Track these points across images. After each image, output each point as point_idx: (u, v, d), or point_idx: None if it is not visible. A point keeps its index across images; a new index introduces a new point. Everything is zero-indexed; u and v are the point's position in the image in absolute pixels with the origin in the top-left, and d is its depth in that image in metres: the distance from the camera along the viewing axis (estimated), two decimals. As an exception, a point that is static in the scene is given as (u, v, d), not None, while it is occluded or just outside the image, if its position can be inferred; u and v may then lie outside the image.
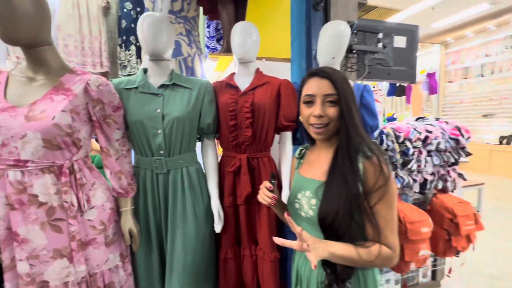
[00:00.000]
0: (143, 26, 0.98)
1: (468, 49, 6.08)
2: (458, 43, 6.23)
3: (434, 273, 2.08)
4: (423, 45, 6.56)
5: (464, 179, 1.93)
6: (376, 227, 0.64)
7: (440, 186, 1.84)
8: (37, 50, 0.82)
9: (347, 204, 0.63)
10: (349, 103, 0.68)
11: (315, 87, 0.70)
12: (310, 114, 0.71)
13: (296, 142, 1.31)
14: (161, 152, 1.02)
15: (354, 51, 1.59)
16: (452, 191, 1.93)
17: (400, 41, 1.79)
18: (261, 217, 1.15)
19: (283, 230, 1.24)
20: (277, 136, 1.25)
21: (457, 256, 1.76)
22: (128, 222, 0.98)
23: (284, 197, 1.15)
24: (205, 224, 1.09)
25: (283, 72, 1.52)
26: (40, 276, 0.83)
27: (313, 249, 0.60)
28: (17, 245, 0.81)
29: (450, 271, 1.91)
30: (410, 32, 1.83)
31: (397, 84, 7.63)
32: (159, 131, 1.00)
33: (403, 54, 1.81)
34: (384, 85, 8.43)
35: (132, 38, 2.29)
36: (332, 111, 0.68)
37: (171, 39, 1.05)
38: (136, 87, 1.02)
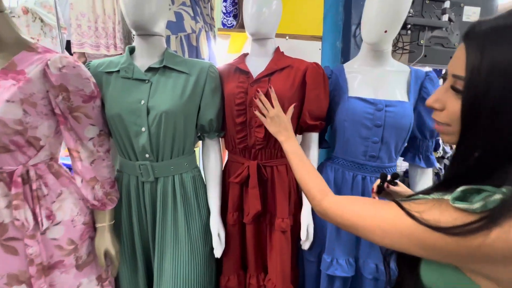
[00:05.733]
0: (124, -10, 0.74)
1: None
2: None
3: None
4: None
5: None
6: None
7: None
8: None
9: None
10: (482, 97, 0.35)
11: (453, 58, 0.41)
12: None
13: (324, 145, 1.02)
14: (146, 155, 0.80)
15: (409, 26, 1.22)
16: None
17: (472, 14, 1.35)
18: (273, 240, 0.90)
19: (300, 258, 0.98)
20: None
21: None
22: (104, 241, 0.79)
23: (304, 217, 0.89)
24: (201, 247, 0.87)
25: (312, 53, 1.21)
26: (-6, 306, 0.68)
27: (272, 119, 0.75)
28: (-38, 269, 0.65)
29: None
30: (486, 1, 1.38)
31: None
32: (143, 128, 0.77)
33: (474, 31, 1.37)
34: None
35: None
36: (453, 105, 0.39)
37: (163, 7, 0.79)
38: (118, 71, 0.80)
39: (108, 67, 0.81)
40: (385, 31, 0.78)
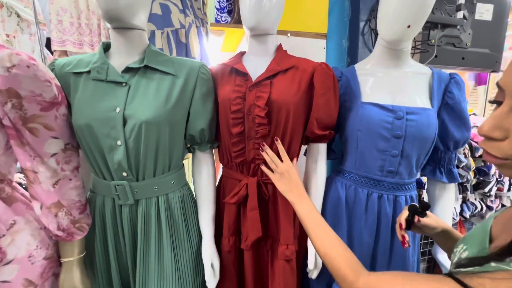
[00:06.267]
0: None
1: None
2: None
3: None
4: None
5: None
6: None
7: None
8: None
9: None
10: None
11: (509, 71, 0.31)
12: None
13: (331, 155, 0.90)
14: (124, 174, 0.66)
15: (421, 23, 1.11)
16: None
17: (485, 11, 1.26)
18: (275, 269, 0.78)
19: (305, 286, 0.86)
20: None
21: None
22: (72, 279, 0.64)
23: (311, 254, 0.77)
24: (191, 279, 0.74)
25: (315, 52, 1.09)
26: None
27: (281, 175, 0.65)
28: None
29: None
30: (500, -3, 1.29)
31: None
32: (119, 142, 0.63)
33: (486, 30, 1.28)
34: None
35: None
36: None
37: (144, -5, 0.66)
38: (89, 71, 0.66)
39: (77, 66, 0.67)
40: (408, 26, 0.66)
